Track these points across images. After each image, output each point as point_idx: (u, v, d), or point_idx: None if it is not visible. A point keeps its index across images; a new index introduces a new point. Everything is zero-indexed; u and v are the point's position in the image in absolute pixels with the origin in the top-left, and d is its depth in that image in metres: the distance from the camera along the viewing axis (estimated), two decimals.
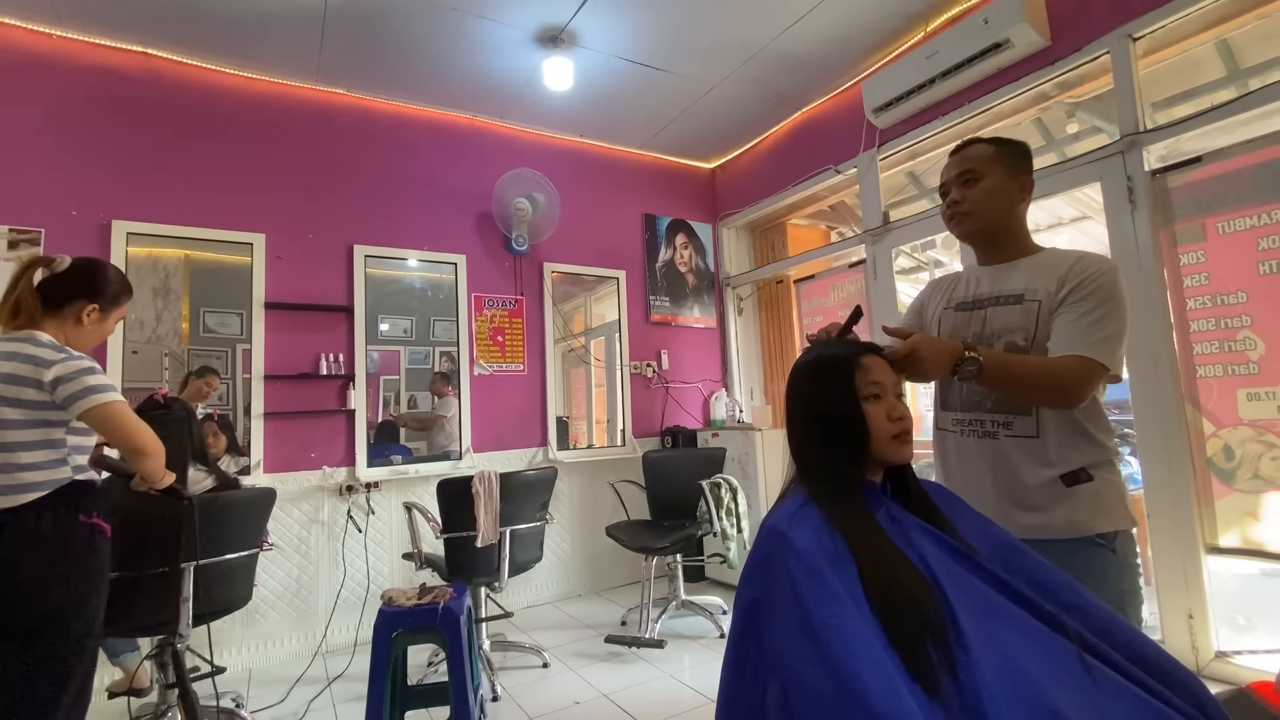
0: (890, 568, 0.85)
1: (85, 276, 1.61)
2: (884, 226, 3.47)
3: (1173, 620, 2.36)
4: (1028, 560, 0.95)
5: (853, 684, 0.72)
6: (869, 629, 0.78)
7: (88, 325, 1.60)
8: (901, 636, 0.78)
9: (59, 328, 1.57)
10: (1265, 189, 2.18)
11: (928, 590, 0.84)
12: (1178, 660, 0.88)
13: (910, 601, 0.82)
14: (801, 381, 1.03)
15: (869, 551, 0.86)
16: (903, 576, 0.84)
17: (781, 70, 3.45)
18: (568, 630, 3.24)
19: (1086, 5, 2.59)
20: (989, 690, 0.76)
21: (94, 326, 1.61)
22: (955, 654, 0.78)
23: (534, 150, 4.00)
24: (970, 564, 0.91)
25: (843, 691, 0.72)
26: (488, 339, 3.71)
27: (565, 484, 3.85)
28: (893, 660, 0.76)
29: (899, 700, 0.70)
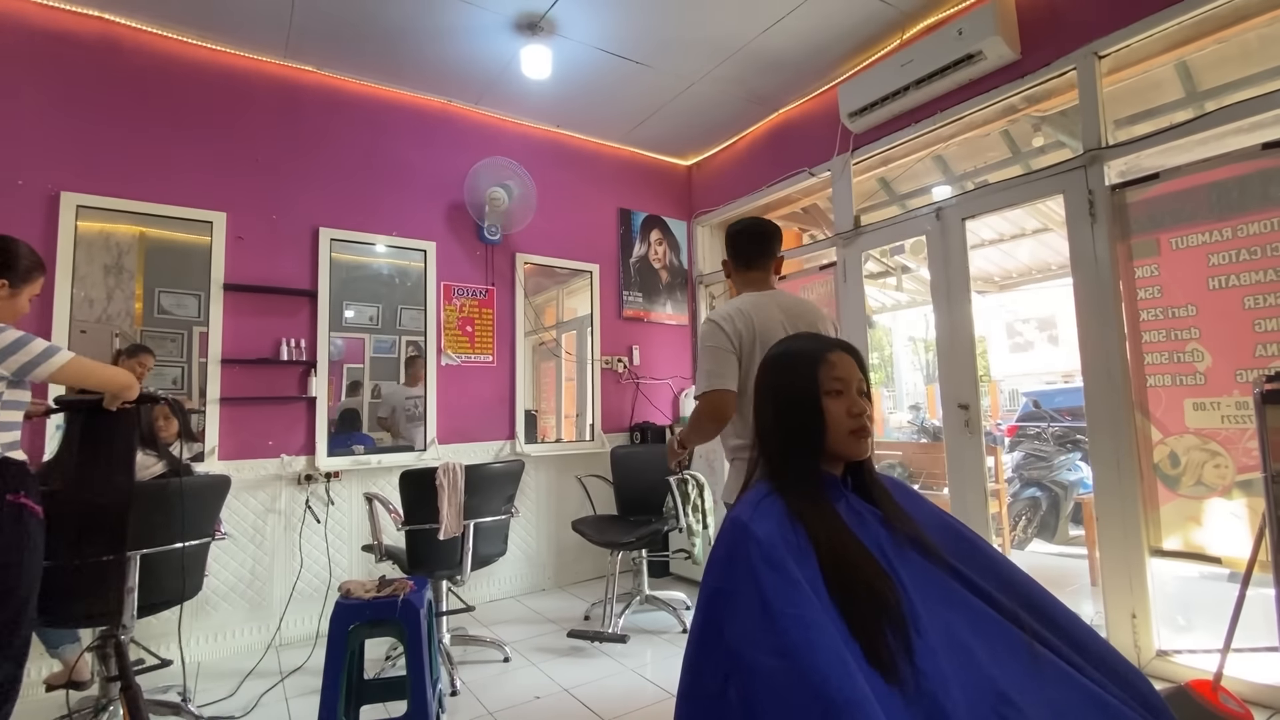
0: (850, 558, 0.87)
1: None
2: (855, 230, 3.51)
3: (1117, 619, 2.45)
4: (980, 552, 0.99)
5: (810, 675, 0.73)
6: (828, 618, 0.79)
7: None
8: (861, 625, 0.80)
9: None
10: (1217, 207, 2.28)
11: (886, 580, 0.87)
12: (1119, 652, 0.91)
13: (869, 591, 0.84)
14: (769, 372, 1.06)
15: (829, 542, 0.88)
16: (862, 566, 0.87)
17: (759, 70, 3.47)
18: (530, 624, 3.22)
19: (1056, 22, 2.66)
20: (943, 675, 0.78)
21: (4, 303, 1.62)
22: (913, 641, 0.81)
23: (509, 138, 3.94)
24: (927, 554, 0.94)
25: (799, 680, 0.74)
26: (456, 329, 3.65)
27: (532, 477, 3.82)
28: (852, 649, 0.78)
29: (854, 688, 0.72)
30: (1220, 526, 2.25)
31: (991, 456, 4.14)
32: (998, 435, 5.94)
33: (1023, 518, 4.73)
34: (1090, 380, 2.57)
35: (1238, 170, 2.24)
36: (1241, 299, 2.21)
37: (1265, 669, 2.03)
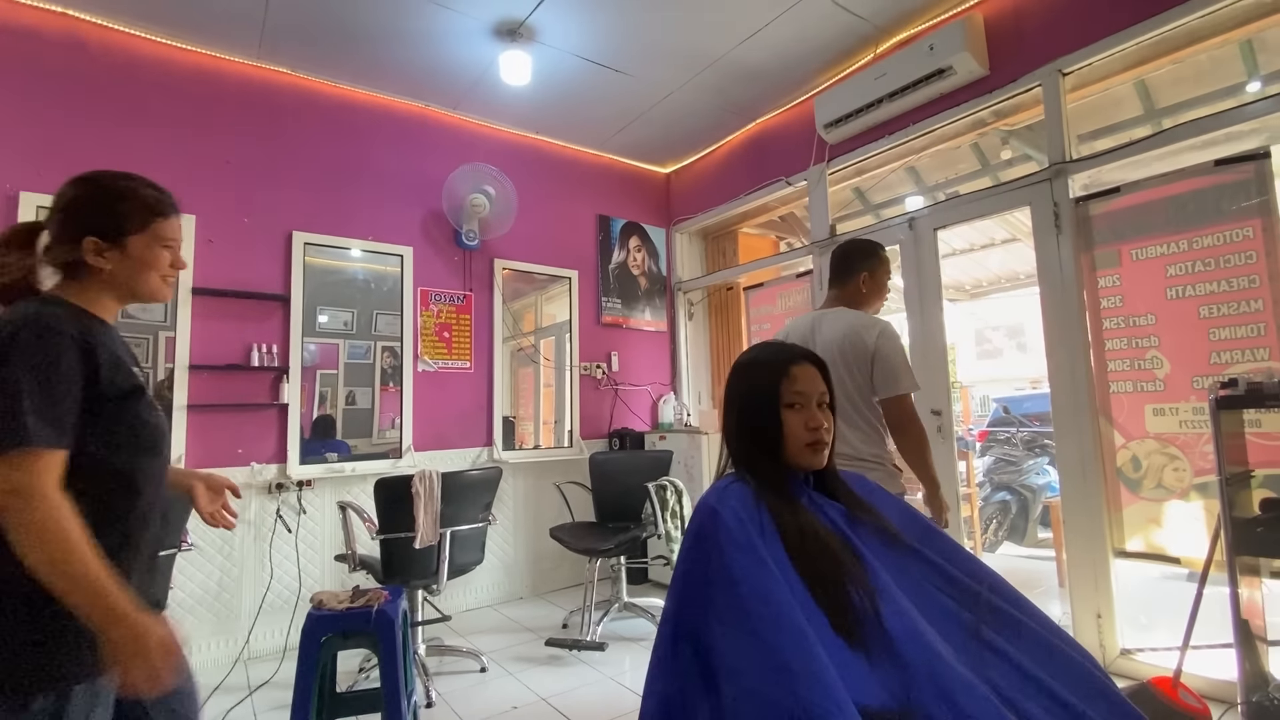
0: (814, 536, 0.92)
1: None
2: (831, 239, 3.57)
3: (1083, 619, 2.52)
4: (943, 542, 1.05)
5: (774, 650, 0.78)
6: (793, 594, 0.84)
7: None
8: (826, 596, 0.85)
9: None
10: (1174, 220, 2.37)
11: (850, 552, 0.92)
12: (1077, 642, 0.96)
13: (834, 561, 0.89)
14: (736, 378, 1.11)
15: (794, 524, 0.93)
16: (827, 542, 0.92)
17: (737, 81, 3.52)
18: (508, 633, 3.19)
19: (1022, 39, 2.75)
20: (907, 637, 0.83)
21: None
22: (879, 605, 0.86)
23: (488, 144, 3.93)
24: (889, 541, 1.00)
25: (762, 655, 0.78)
26: (433, 335, 3.62)
27: (510, 485, 3.80)
28: (818, 620, 0.82)
29: (812, 659, 0.76)
30: (1179, 528, 2.33)
31: (963, 461, 4.23)
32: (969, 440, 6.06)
33: (993, 521, 4.84)
34: (1056, 386, 2.64)
35: (1193, 185, 2.33)
36: (1197, 308, 2.30)
37: (1221, 665, 2.10)
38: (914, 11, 2.98)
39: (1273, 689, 1.93)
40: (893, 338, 1.88)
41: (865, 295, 2.02)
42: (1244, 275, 2.21)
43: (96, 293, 1.06)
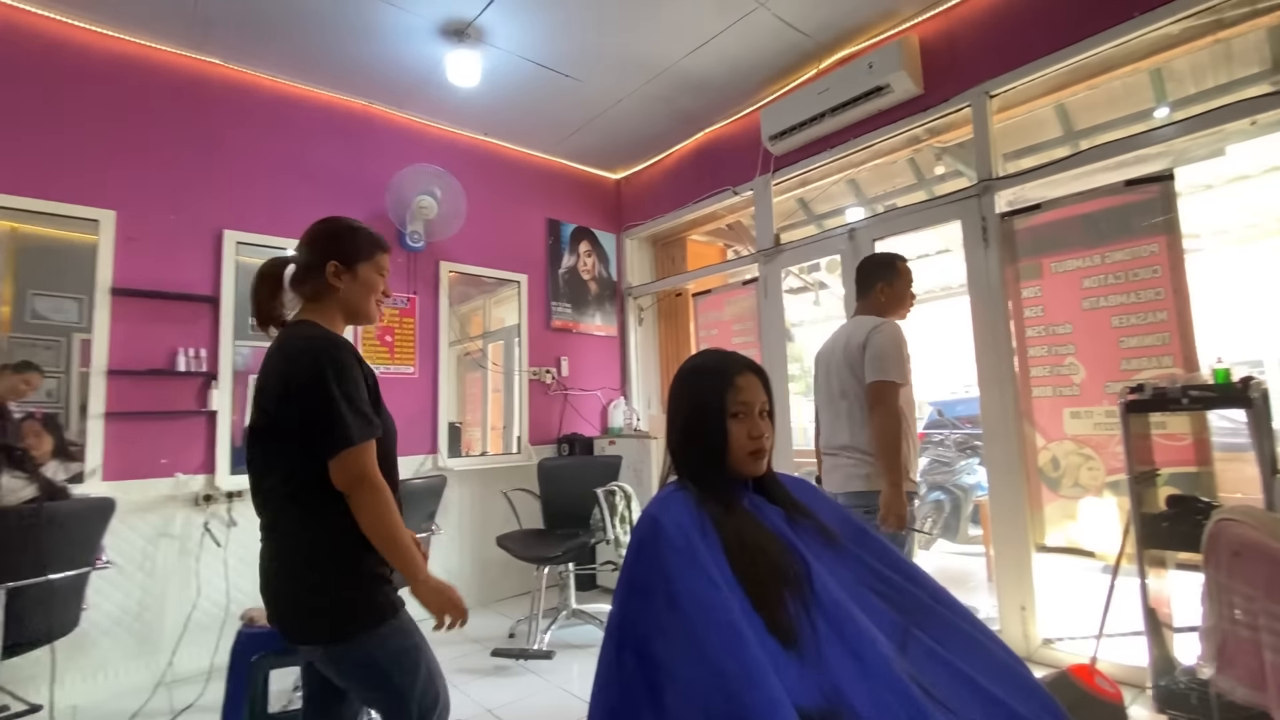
0: (753, 539, 0.95)
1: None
2: (775, 248, 3.66)
3: (1009, 611, 2.65)
4: (876, 542, 1.10)
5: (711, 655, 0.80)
6: (731, 598, 0.86)
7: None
8: (763, 598, 0.87)
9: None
10: (1089, 235, 2.54)
11: (787, 552, 0.95)
12: (999, 638, 1.02)
13: (771, 564, 0.92)
14: (681, 388, 1.13)
15: (733, 527, 0.96)
16: (764, 544, 0.95)
17: (686, 90, 3.57)
18: (452, 645, 3.11)
19: (954, 62, 2.89)
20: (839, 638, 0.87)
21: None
22: (813, 606, 0.89)
23: (435, 144, 3.85)
24: (827, 542, 1.04)
25: (700, 659, 0.80)
26: (375, 338, 3.51)
27: (455, 493, 3.72)
28: (754, 622, 0.84)
29: (748, 660, 0.79)
30: (1094, 524, 2.49)
31: None
32: None
33: (929, 519, 5.04)
34: (985, 391, 2.79)
35: (1106, 203, 2.51)
36: (1109, 318, 2.47)
37: (1133, 652, 2.26)
38: (855, 30, 3.10)
39: (1179, 673, 2.08)
40: (888, 333, 2.01)
41: (885, 304, 2.18)
42: (1150, 288, 2.39)
43: (333, 313, 1.34)
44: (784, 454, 3.63)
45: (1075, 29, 2.51)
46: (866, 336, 2.03)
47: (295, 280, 1.35)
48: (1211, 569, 1.20)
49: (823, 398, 2.20)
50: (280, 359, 1.24)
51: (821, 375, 2.21)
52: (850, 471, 2.03)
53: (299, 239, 1.41)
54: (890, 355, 1.98)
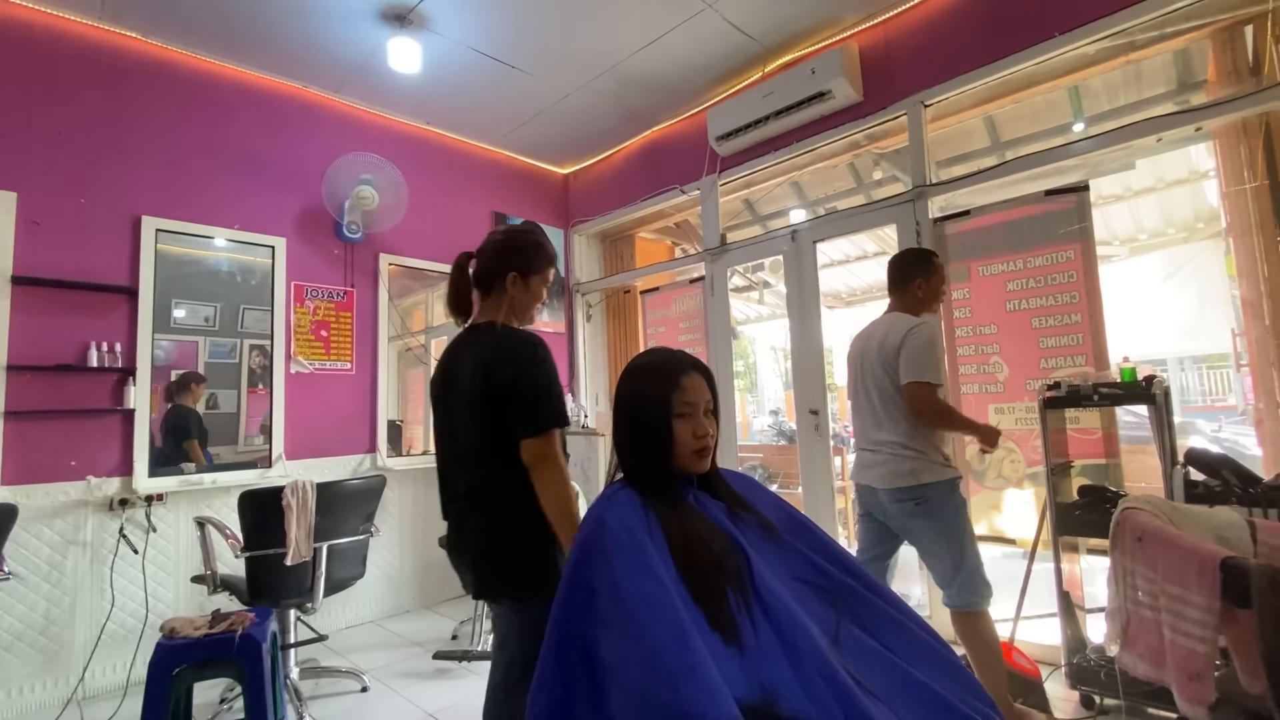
0: (697, 534, 0.97)
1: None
2: (722, 247, 3.72)
3: (938, 597, 2.78)
4: (813, 534, 1.14)
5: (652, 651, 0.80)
6: (674, 593, 0.87)
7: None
8: (704, 593, 0.89)
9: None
10: (1013, 241, 2.69)
11: (730, 547, 0.97)
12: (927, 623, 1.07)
13: (713, 559, 0.93)
14: (627, 386, 1.13)
15: (678, 524, 0.97)
16: (708, 540, 0.96)
17: (635, 88, 3.57)
18: (393, 649, 3.03)
19: (891, 71, 3.00)
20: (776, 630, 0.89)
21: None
22: (753, 602, 0.91)
23: (374, 132, 3.72)
24: (767, 535, 1.07)
25: (642, 655, 0.80)
26: (309, 333, 3.37)
27: (396, 493, 3.61)
28: (696, 616, 0.86)
29: (689, 654, 0.80)
30: (1015, 513, 2.64)
31: (839, 457, 4.55)
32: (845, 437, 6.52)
33: None
34: None
35: (1028, 211, 2.66)
36: (1030, 320, 2.63)
37: (1048, 632, 2.41)
38: (799, 36, 3.17)
39: (1089, 650, 2.23)
40: (924, 335, 2.03)
41: (922, 300, 2.19)
42: (1066, 292, 2.55)
43: (506, 314, 1.54)
44: (729, 450, 3.70)
45: (1002, 45, 2.65)
46: (903, 337, 2.04)
47: (477, 278, 1.58)
48: (1117, 554, 1.29)
49: (859, 394, 2.20)
50: (485, 351, 1.45)
51: (855, 372, 2.21)
52: (895, 467, 2.03)
53: (480, 246, 1.60)
54: (926, 356, 2.00)
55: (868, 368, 2.15)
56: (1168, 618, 1.14)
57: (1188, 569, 1.11)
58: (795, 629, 0.89)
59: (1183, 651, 1.11)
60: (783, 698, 0.81)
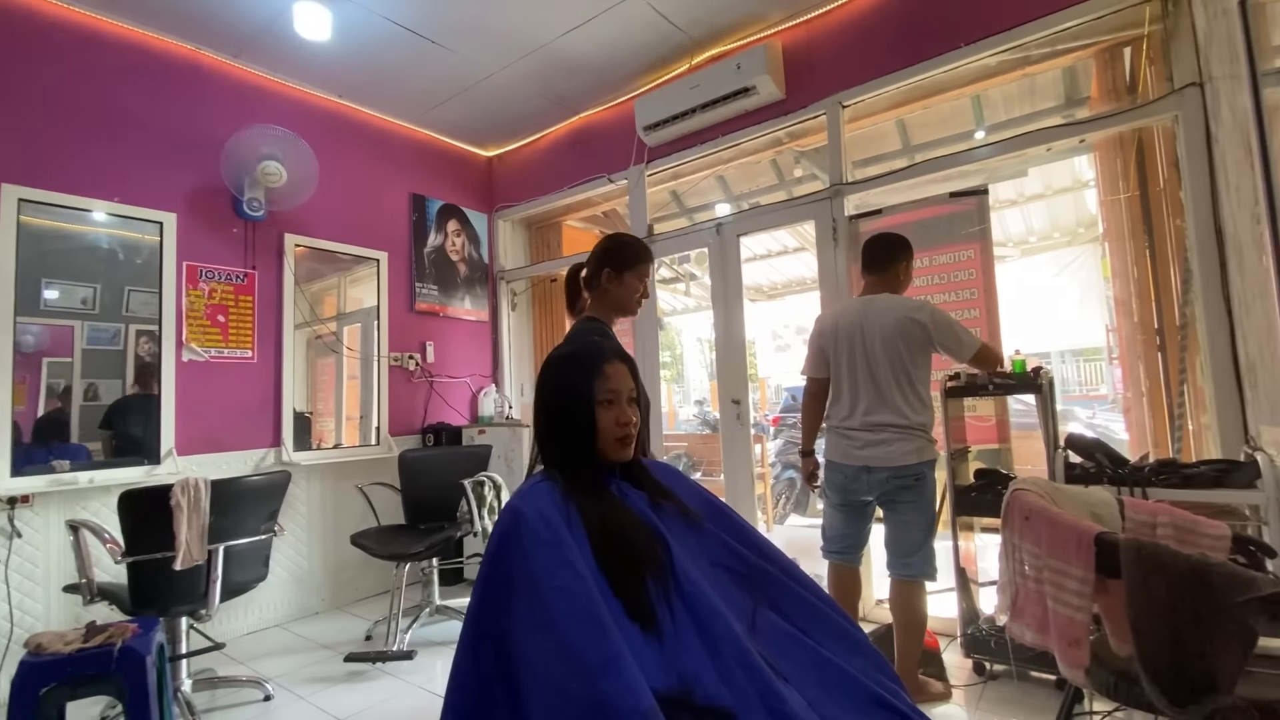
0: (616, 523, 0.96)
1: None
2: (649, 238, 3.72)
3: None
4: (731, 521, 1.16)
5: (568, 643, 0.80)
6: (592, 584, 0.86)
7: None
8: (623, 583, 0.88)
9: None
10: (921, 239, 2.83)
11: (651, 538, 0.97)
12: (837, 603, 1.12)
13: (632, 549, 0.93)
14: (549, 377, 1.12)
15: (599, 516, 0.96)
16: (627, 528, 0.96)
17: (561, 72, 3.50)
18: (300, 654, 2.87)
19: (812, 71, 3.09)
20: (694, 619, 0.90)
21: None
22: (673, 591, 0.92)
23: (279, 102, 3.46)
24: (688, 523, 1.08)
25: (557, 648, 0.79)
26: (204, 318, 3.10)
27: (303, 489, 3.41)
28: (615, 606, 0.85)
29: (605, 648, 0.80)
30: None
31: (759, 444, 4.69)
32: (765, 425, 6.75)
33: (783, 496, 5.44)
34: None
35: (934, 212, 2.82)
36: None
37: (947, 606, 2.59)
38: (725, 30, 3.21)
39: (982, 621, 2.41)
40: (941, 312, 2.13)
41: (902, 281, 2.27)
42: (967, 288, 2.73)
43: (608, 308, 1.82)
44: (653, 440, 3.72)
45: (914, 52, 2.78)
46: (929, 321, 2.10)
47: (586, 281, 1.85)
48: (1007, 531, 1.39)
49: (852, 375, 2.19)
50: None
51: (846, 353, 2.20)
52: (904, 446, 2.09)
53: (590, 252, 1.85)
54: (960, 328, 2.13)
55: (873, 347, 2.14)
56: (1050, 589, 1.24)
57: (1067, 544, 1.21)
58: (714, 616, 0.90)
59: (1063, 619, 1.21)
60: (701, 686, 0.82)
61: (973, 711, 2.12)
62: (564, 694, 0.76)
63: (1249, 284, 1.92)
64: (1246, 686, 1.06)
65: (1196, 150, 2.21)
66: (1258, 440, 1.98)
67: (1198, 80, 2.20)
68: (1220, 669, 1.01)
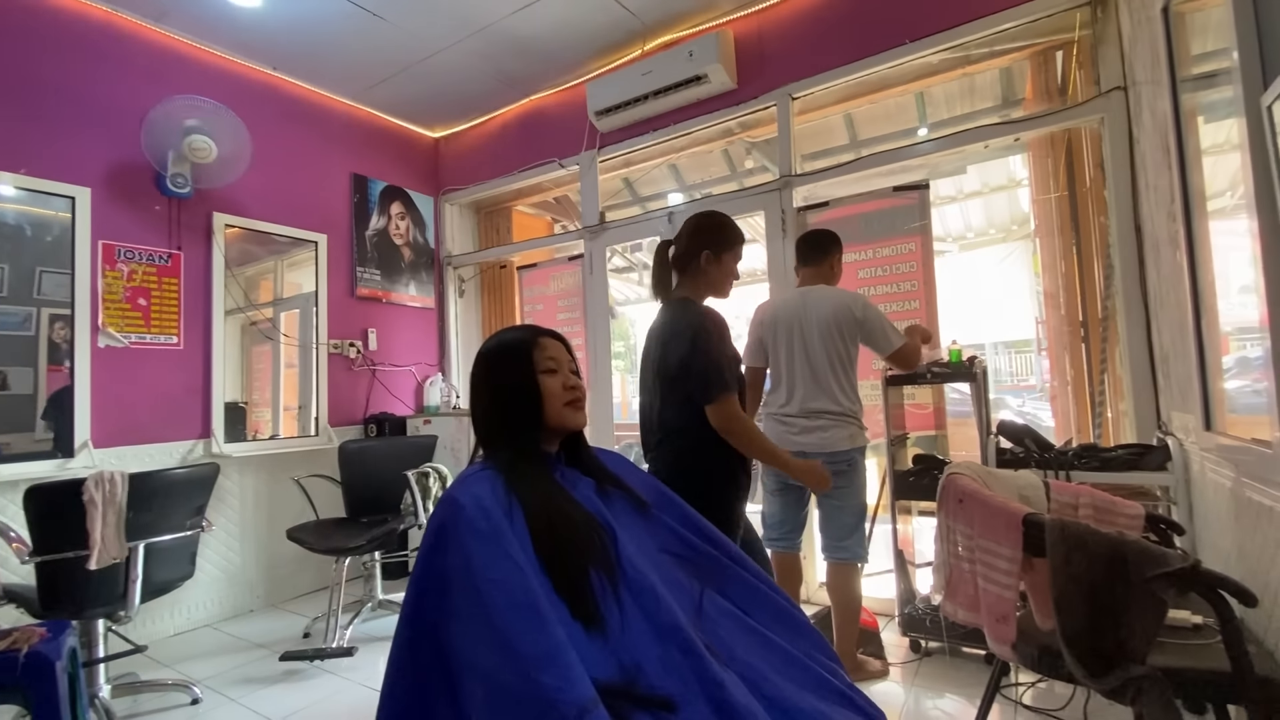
0: (559, 515, 0.93)
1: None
2: (601, 225, 3.68)
3: None
4: (679, 508, 1.16)
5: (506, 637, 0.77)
6: (532, 577, 0.83)
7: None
8: (565, 580, 0.86)
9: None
10: (865, 232, 2.90)
11: (594, 527, 0.95)
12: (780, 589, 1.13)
13: (574, 544, 0.90)
14: (486, 362, 1.10)
15: (539, 503, 0.93)
16: (571, 520, 0.94)
17: (510, 52, 3.41)
18: (232, 654, 2.74)
19: (764, 61, 3.11)
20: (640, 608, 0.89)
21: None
22: (619, 580, 0.90)
23: (204, 71, 3.24)
24: (635, 510, 1.07)
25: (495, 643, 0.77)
26: (123, 301, 2.90)
27: (235, 482, 3.25)
28: (556, 602, 0.83)
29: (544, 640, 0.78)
30: None
31: None
32: None
33: None
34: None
35: (878, 205, 2.88)
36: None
37: (885, 586, 2.68)
38: (678, 16, 3.18)
39: (919, 601, 2.50)
40: (873, 307, 2.23)
41: (835, 273, 2.37)
42: (908, 280, 2.81)
43: (702, 289, 1.80)
44: (605, 430, 3.71)
45: (860, 47, 2.83)
46: (862, 315, 2.18)
47: (676, 260, 1.81)
48: (942, 514, 1.44)
49: (790, 364, 2.23)
50: (673, 327, 1.73)
51: (785, 342, 2.25)
52: (838, 433, 2.15)
53: (678, 232, 1.84)
54: (888, 324, 2.22)
55: (810, 336, 2.21)
56: (981, 568, 1.30)
57: (997, 525, 1.27)
58: (659, 605, 0.89)
59: (992, 597, 1.27)
60: (644, 676, 0.82)
61: (909, 688, 2.20)
62: (503, 688, 0.74)
63: (1164, 279, 2.04)
64: (1157, 656, 1.13)
65: (1120, 151, 2.33)
66: (1169, 426, 2.12)
67: (1122, 84, 2.31)
68: (1133, 640, 1.07)
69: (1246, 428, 1.46)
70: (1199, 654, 1.23)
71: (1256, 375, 1.37)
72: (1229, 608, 1.04)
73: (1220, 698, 1.24)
